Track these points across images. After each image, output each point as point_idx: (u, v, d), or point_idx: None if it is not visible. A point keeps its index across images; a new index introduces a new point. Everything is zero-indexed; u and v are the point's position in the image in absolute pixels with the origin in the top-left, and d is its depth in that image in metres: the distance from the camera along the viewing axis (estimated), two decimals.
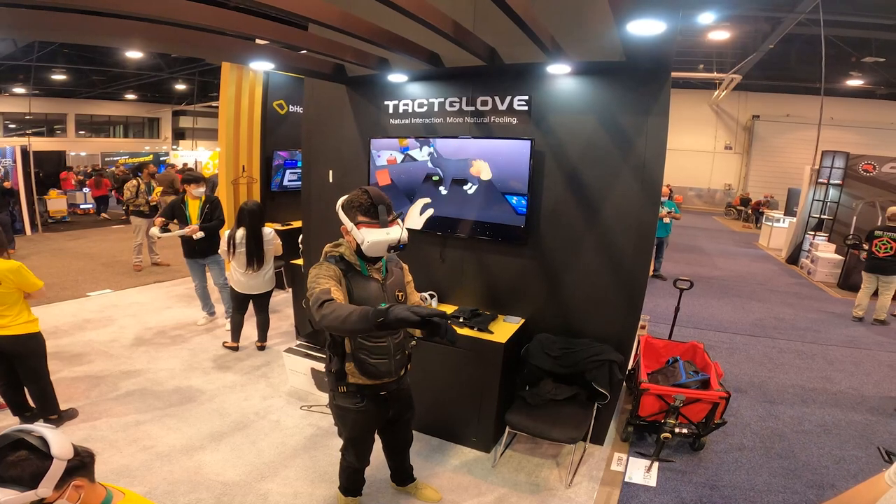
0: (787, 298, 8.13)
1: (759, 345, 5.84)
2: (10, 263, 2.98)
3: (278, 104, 7.27)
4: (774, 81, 18.88)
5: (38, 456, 1.19)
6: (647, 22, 2.20)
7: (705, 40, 13.21)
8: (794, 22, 10.62)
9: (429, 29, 2.63)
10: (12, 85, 20.04)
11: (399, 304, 2.01)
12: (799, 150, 18.74)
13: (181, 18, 2.15)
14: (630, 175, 3.28)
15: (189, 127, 27.50)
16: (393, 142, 3.96)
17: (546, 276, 3.58)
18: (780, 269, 10.62)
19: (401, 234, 2.06)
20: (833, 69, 13.10)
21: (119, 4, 1.90)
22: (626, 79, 3.22)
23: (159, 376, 4.29)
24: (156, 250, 8.21)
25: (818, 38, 10.16)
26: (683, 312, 4.43)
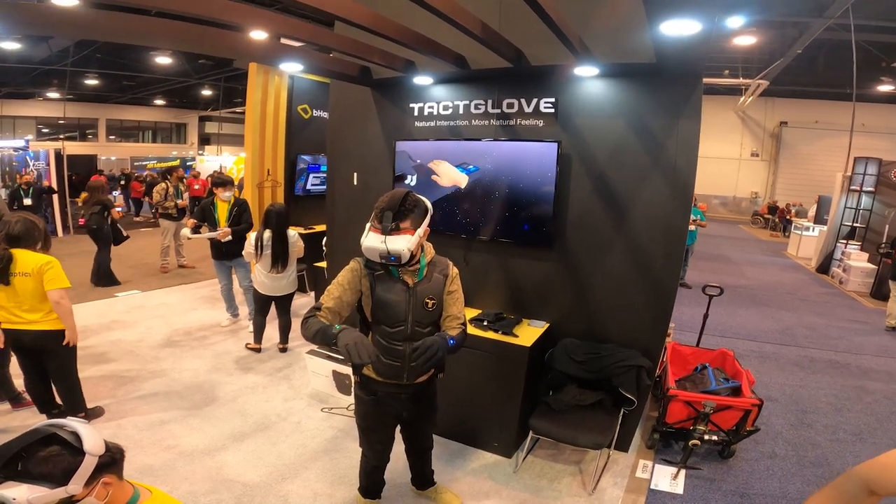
0: (817, 308, 7.92)
1: (789, 353, 5.69)
2: (45, 257, 3.02)
3: (302, 108, 7.38)
4: (802, 87, 18.47)
5: (70, 452, 1.18)
6: (682, 22, 2.16)
7: (731, 46, 13.00)
8: (823, 27, 10.41)
9: (457, 29, 2.63)
10: (46, 89, 20.62)
11: (351, 330, 1.89)
12: (829, 157, 18.24)
13: (212, 15, 2.17)
14: (660, 179, 3.22)
15: (214, 132, 28.09)
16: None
17: (572, 280, 3.53)
18: (811, 279, 10.35)
19: (397, 246, 1.98)
20: (863, 74, 12.69)
21: (154, 2, 1.94)
22: (656, 81, 3.16)
23: (184, 376, 4.34)
24: (182, 253, 8.37)
25: (847, 43, 9.99)
26: (710, 321, 4.34)
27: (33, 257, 2.98)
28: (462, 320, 2.25)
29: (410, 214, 2.04)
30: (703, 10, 2.05)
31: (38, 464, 1.14)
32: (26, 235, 3.00)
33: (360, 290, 2.15)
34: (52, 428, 1.20)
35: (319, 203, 7.19)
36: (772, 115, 21.64)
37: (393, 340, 2.16)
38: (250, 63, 6.64)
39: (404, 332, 2.15)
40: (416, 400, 2.34)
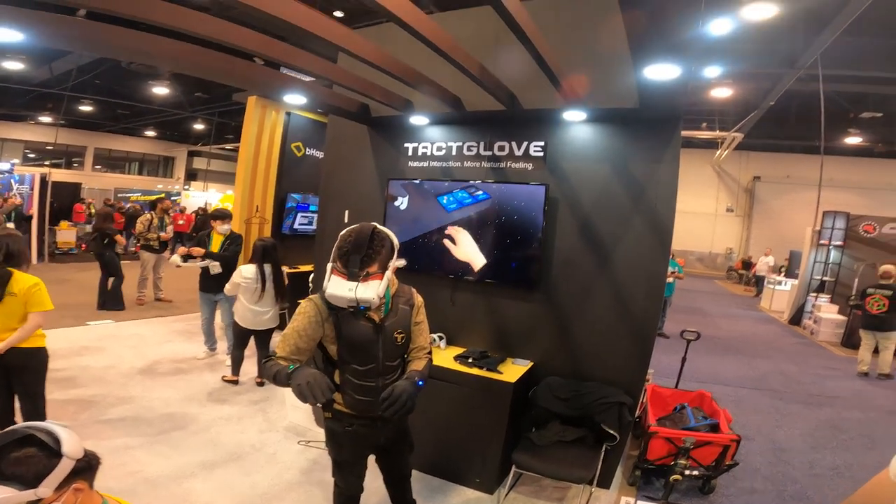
0: (791, 356, 8.14)
1: (764, 397, 5.82)
2: (33, 278, 2.97)
3: (296, 146, 7.44)
4: (775, 140, 19.28)
5: (46, 454, 1.14)
6: (664, 66, 2.33)
7: (708, 98, 13.63)
8: (794, 77, 10.94)
9: (456, 68, 2.77)
10: (39, 113, 20.41)
11: (305, 369, 1.82)
12: (799, 211, 18.86)
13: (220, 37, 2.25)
14: (641, 223, 3.35)
15: (202, 168, 28.03)
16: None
17: (556, 320, 3.58)
18: (783, 330, 10.65)
19: (367, 294, 1.84)
20: (832, 126, 13.31)
21: (167, 19, 2.02)
22: (639, 126, 3.34)
23: (153, 404, 4.20)
24: (161, 286, 8.20)
25: (817, 94, 10.47)
26: (687, 367, 4.43)
27: (24, 277, 2.93)
28: (427, 350, 2.21)
29: (378, 256, 1.90)
30: (682, 57, 2.21)
31: (11, 464, 1.10)
32: (20, 254, 2.96)
33: (322, 333, 2.03)
34: (29, 429, 1.17)
35: (305, 243, 7.26)
36: (746, 170, 22.52)
37: (364, 378, 2.07)
38: (249, 96, 6.79)
39: (376, 369, 2.07)
40: (393, 427, 2.27)
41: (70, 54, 12.47)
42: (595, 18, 3.38)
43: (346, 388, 2.08)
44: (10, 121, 21.06)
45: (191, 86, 16.12)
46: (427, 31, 2.35)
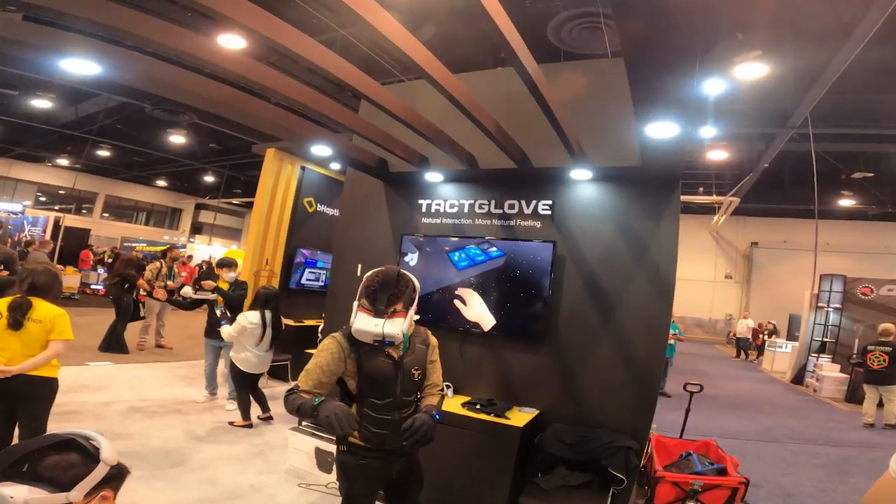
0: (794, 412, 8.14)
1: (770, 448, 5.78)
2: (58, 309, 3.08)
3: (308, 201, 7.66)
4: (771, 204, 19.56)
5: (85, 459, 1.17)
6: (664, 124, 2.56)
7: (704, 161, 14.00)
8: (787, 137, 11.23)
9: (476, 125, 3.00)
10: (57, 155, 20.65)
11: (331, 402, 1.91)
12: (797, 276, 18.83)
13: (263, 81, 2.47)
14: (644, 278, 3.51)
15: (208, 222, 28.50)
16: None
17: (562, 370, 3.66)
18: (786, 389, 10.67)
19: (393, 330, 1.98)
20: (825, 188, 13.53)
21: (200, 54, 2.23)
22: (641, 185, 3.57)
23: (151, 441, 4.16)
24: (163, 333, 8.21)
25: (809, 155, 10.82)
26: (690, 423, 4.47)
27: (48, 307, 3.04)
28: (441, 387, 2.34)
29: (402, 296, 2.05)
30: (681, 115, 2.43)
31: (50, 467, 1.13)
32: (48, 287, 3.08)
33: (343, 369, 2.13)
34: (70, 434, 1.21)
35: (311, 298, 7.42)
36: (743, 236, 22.84)
37: (382, 412, 2.15)
38: (268, 148, 7.11)
39: (393, 403, 2.16)
40: (405, 461, 2.31)
41: (98, 96, 12.78)
42: (599, 82, 3.69)
43: (364, 421, 2.14)
44: (27, 161, 21.43)
45: (206, 136, 16.59)
46: (453, 89, 2.60)
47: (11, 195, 20.92)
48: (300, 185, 7.51)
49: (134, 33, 1.93)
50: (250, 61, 2.46)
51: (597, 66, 4.11)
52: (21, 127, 15.37)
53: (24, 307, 2.95)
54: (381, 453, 2.19)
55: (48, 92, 12.07)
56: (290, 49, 2.14)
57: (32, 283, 3.01)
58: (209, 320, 5.36)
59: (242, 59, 2.43)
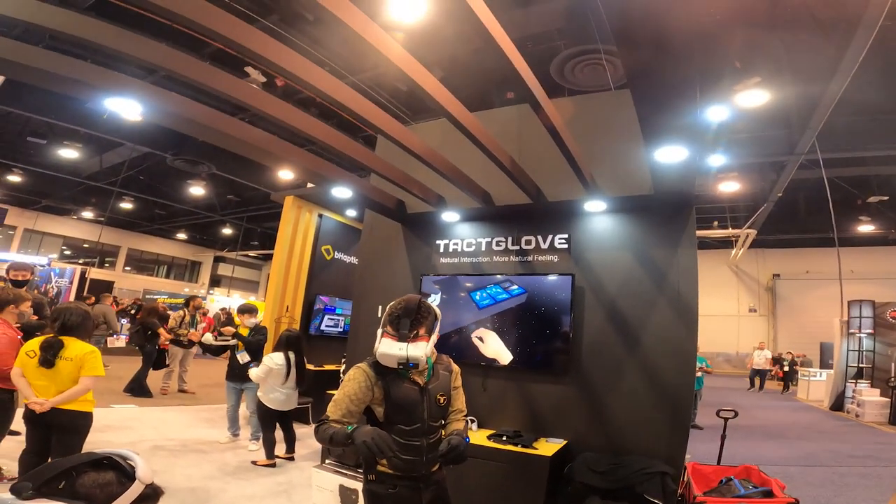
0: (838, 436, 7.85)
1: (816, 472, 5.54)
2: (89, 346, 3.19)
3: (325, 249, 7.84)
4: (789, 235, 19.20)
5: (120, 479, 1.18)
6: (672, 148, 2.64)
7: (717, 194, 13.86)
8: (797, 164, 11.12)
9: (493, 161, 3.11)
10: (82, 208, 21.23)
11: (365, 427, 1.96)
12: (824, 305, 18.35)
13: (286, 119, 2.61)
14: (666, 305, 3.53)
15: (227, 275, 28.98)
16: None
17: (589, 399, 3.63)
18: (825, 416, 10.32)
19: (416, 353, 2.05)
20: (842, 214, 13.24)
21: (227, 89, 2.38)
22: (655, 213, 3.64)
23: (176, 479, 4.17)
24: (185, 379, 8.31)
25: (822, 182, 10.69)
26: (726, 453, 4.29)
27: (80, 345, 3.15)
28: (465, 412, 2.40)
29: (425, 321, 2.13)
30: (688, 138, 2.52)
31: (87, 486, 1.13)
32: (80, 327, 3.19)
33: (370, 398, 2.17)
34: (106, 453, 1.21)
35: (332, 344, 7.52)
36: (764, 268, 22.42)
37: (410, 438, 2.18)
38: (287, 196, 7.35)
39: (421, 429, 2.19)
40: (434, 488, 2.30)
41: (122, 146, 13.22)
42: (606, 114, 3.81)
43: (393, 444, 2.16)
44: (54, 213, 22.05)
45: (224, 187, 17.11)
46: (469, 126, 2.72)
47: (38, 248, 21.57)
48: (318, 232, 7.71)
49: (176, 71, 2.09)
50: (283, 104, 2.62)
51: (602, 99, 4.27)
52: (48, 178, 15.90)
53: (55, 347, 3.05)
54: (410, 481, 2.19)
55: (75, 141, 12.54)
56: (314, 86, 2.28)
57: (63, 322, 3.12)
58: (230, 364, 5.46)
59: (274, 101, 2.59)
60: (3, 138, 12.82)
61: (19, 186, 17.68)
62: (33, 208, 21.01)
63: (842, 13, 6.30)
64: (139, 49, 2.02)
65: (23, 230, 21.34)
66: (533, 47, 7.52)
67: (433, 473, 2.27)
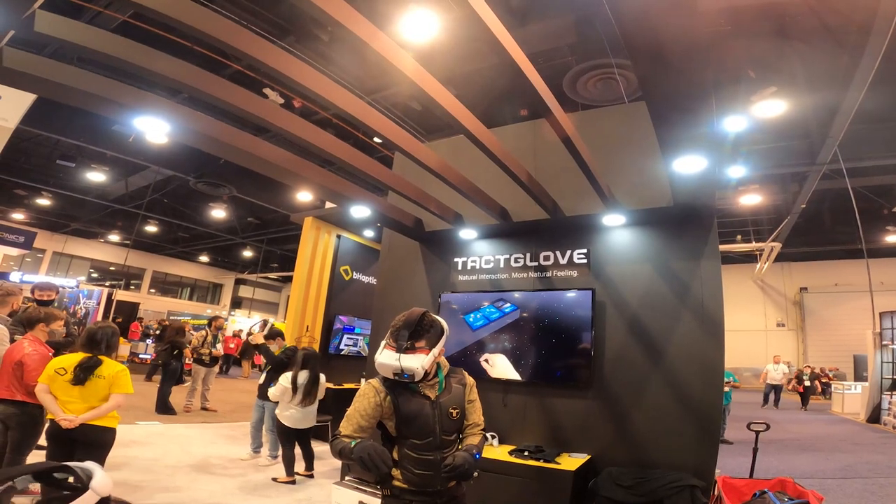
0: (876, 448, 7.59)
1: (854, 485, 5.33)
2: (119, 365, 3.26)
3: (344, 269, 7.92)
4: (815, 248, 18.68)
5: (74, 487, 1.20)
6: (690, 158, 2.63)
7: (739, 208, 13.60)
8: (819, 174, 10.86)
9: (510, 176, 3.13)
10: (110, 231, 21.89)
11: (365, 442, 1.97)
12: (855, 318, 17.71)
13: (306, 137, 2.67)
14: (690, 317, 3.47)
15: (247, 297, 29.49)
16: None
17: (613, 413, 3.57)
18: (862, 428, 9.99)
19: (410, 364, 2.05)
20: (868, 225, 12.81)
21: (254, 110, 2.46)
22: (675, 225, 3.60)
23: (199, 495, 4.22)
24: (207, 397, 8.43)
25: (846, 192, 10.37)
26: (759, 467, 4.15)
27: (112, 363, 3.23)
28: (482, 426, 2.36)
29: (426, 334, 2.13)
30: (706, 148, 2.51)
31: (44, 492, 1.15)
32: (112, 344, 3.29)
33: (381, 412, 2.17)
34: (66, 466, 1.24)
35: (350, 364, 7.56)
36: (790, 282, 21.82)
37: (423, 452, 2.17)
38: (306, 217, 7.48)
39: (433, 443, 2.18)
40: (448, 500, 2.25)
41: (146, 170, 13.62)
42: (622, 127, 3.81)
43: (405, 462, 2.16)
44: (82, 237, 22.76)
45: (245, 210, 17.49)
46: (487, 142, 2.76)
47: (66, 271, 22.19)
48: (336, 253, 7.79)
49: (200, 88, 2.17)
50: (302, 121, 2.69)
51: (617, 112, 4.27)
52: (76, 201, 16.48)
53: (94, 366, 3.13)
54: (425, 496, 2.17)
55: (102, 164, 12.98)
56: (334, 103, 2.35)
57: (108, 343, 3.22)
58: (260, 384, 5.57)
59: (294, 119, 2.66)
60: (34, 161, 13.28)
61: (48, 210, 18.31)
62: (62, 232, 21.69)
63: (852, 20, 6.25)
64: (166, 67, 2.10)
65: (52, 253, 22.02)
66: (544, 63, 7.59)
67: (450, 489, 2.23)
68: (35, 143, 12.46)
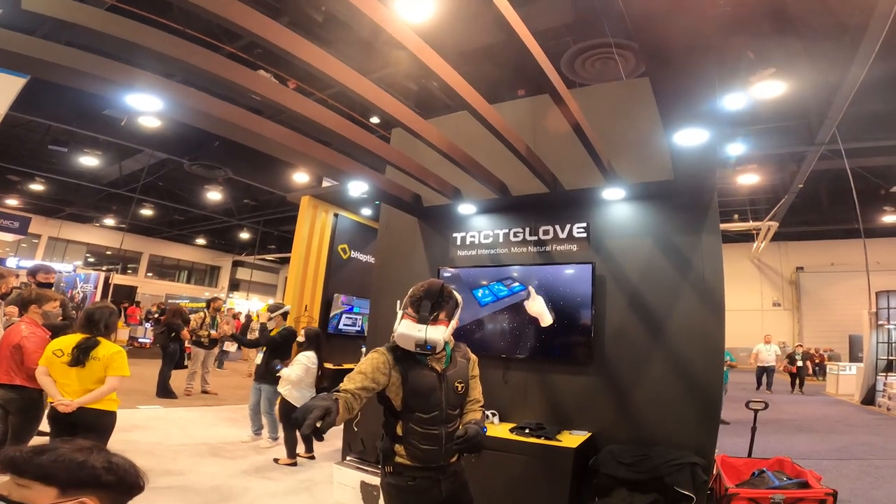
0: (871, 429, 7.73)
1: (850, 465, 5.42)
2: (116, 346, 3.22)
3: (342, 248, 7.85)
4: (812, 227, 18.78)
5: None
6: (691, 131, 2.58)
7: (736, 187, 13.58)
8: (817, 154, 10.84)
9: (505, 146, 3.08)
10: (105, 215, 21.74)
11: (325, 396, 1.85)
12: (851, 298, 17.78)
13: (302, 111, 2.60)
14: (691, 291, 3.45)
15: (245, 279, 29.49)
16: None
17: (613, 390, 3.56)
18: (857, 409, 10.17)
19: (435, 335, 2.02)
20: (866, 205, 12.82)
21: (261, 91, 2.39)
22: (676, 199, 3.56)
23: (201, 477, 4.24)
24: (208, 380, 8.42)
25: (844, 172, 10.37)
26: (756, 447, 4.18)
27: (109, 345, 3.18)
28: (482, 403, 2.35)
29: (446, 306, 2.12)
30: (707, 122, 2.46)
31: None
32: (110, 325, 3.24)
33: (387, 381, 2.12)
34: None
35: (350, 343, 7.54)
36: (787, 261, 21.91)
37: (428, 426, 2.13)
38: (303, 196, 7.40)
39: (439, 416, 2.15)
40: (453, 480, 2.24)
41: (140, 153, 13.47)
42: (621, 104, 3.75)
43: (410, 438, 2.13)
44: (77, 221, 22.62)
45: (241, 192, 17.36)
46: (487, 115, 2.71)
47: (62, 256, 22.08)
48: (334, 231, 7.72)
49: (196, 65, 2.11)
50: (300, 97, 2.63)
51: (618, 88, 4.20)
52: (70, 186, 16.38)
53: (91, 347, 3.08)
54: (429, 472, 2.15)
55: (95, 149, 12.82)
56: (335, 78, 2.28)
57: (107, 323, 3.17)
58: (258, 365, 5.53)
59: (292, 94, 2.60)
60: (26, 147, 13.14)
61: (42, 195, 18.17)
62: (57, 217, 21.54)
63: (853, 2, 6.17)
64: (160, 43, 2.03)
65: (47, 238, 21.88)
66: (542, 44, 7.44)
67: (452, 465, 2.22)
68: (27, 129, 12.32)
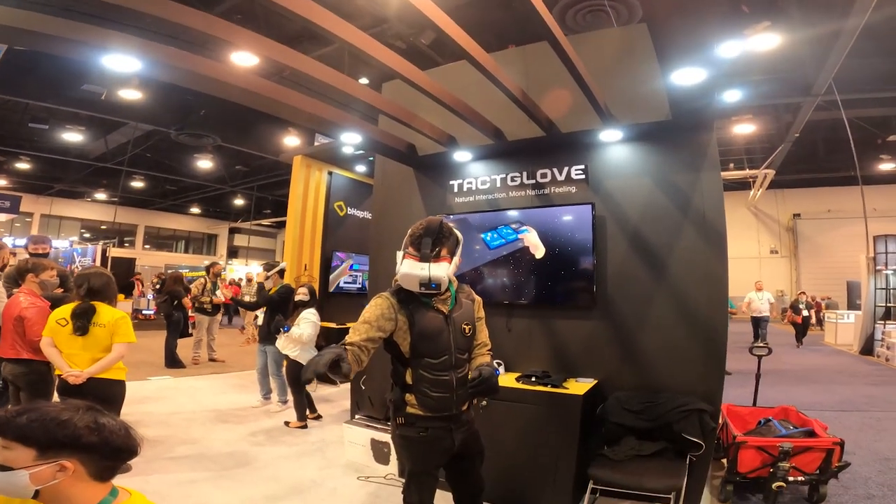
0: (871, 381, 7.83)
1: (853, 417, 5.54)
2: (120, 312, 3.14)
3: (338, 205, 7.77)
4: (809, 175, 18.80)
5: None
6: (688, 70, 2.48)
7: (732, 137, 13.50)
8: (813, 105, 10.77)
9: (500, 90, 2.95)
10: (96, 190, 21.59)
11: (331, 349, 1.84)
12: (848, 244, 17.84)
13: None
14: (692, 230, 3.37)
15: (243, 245, 29.49)
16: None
17: (618, 335, 3.52)
18: (856, 360, 10.23)
19: (438, 272, 1.98)
20: (862, 153, 12.75)
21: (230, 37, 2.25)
22: (674, 138, 3.44)
23: (215, 444, 4.31)
24: (214, 347, 8.46)
25: (841, 122, 10.34)
26: (762, 398, 4.25)
27: (110, 310, 3.09)
28: (489, 346, 2.33)
29: (447, 242, 2.08)
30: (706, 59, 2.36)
31: None
32: (105, 289, 3.11)
33: (394, 326, 2.07)
34: None
35: (351, 301, 7.49)
36: (784, 208, 21.88)
37: (438, 372, 2.08)
38: (295, 157, 7.23)
39: (448, 361, 2.10)
40: (465, 430, 2.22)
41: (124, 126, 13.23)
42: (613, 49, 3.62)
43: (420, 385, 2.09)
44: (69, 198, 22.51)
45: (231, 158, 17.06)
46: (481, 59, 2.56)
47: (57, 232, 21.91)
48: (329, 189, 7.63)
49: (180, 23, 1.97)
50: (286, 48, 2.48)
51: (610, 34, 4.05)
52: (57, 163, 16.13)
53: (89, 313, 3.00)
54: (441, 422, 2.12)
55: (77, 124, 12.56)
56: (325, 28, 2.14)
57: (90, 287, 3.04)
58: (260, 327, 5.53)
59: (278, 46, 2.45)
60: (5, 127, 12.86)
61: (29, 173, 17.93)
62: (47, 194, 21.27)
63: None
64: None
65: (40, 216, 21.66)
66: None
67: (463, 413, 2.19)
68: (4, 109, 12.00)
